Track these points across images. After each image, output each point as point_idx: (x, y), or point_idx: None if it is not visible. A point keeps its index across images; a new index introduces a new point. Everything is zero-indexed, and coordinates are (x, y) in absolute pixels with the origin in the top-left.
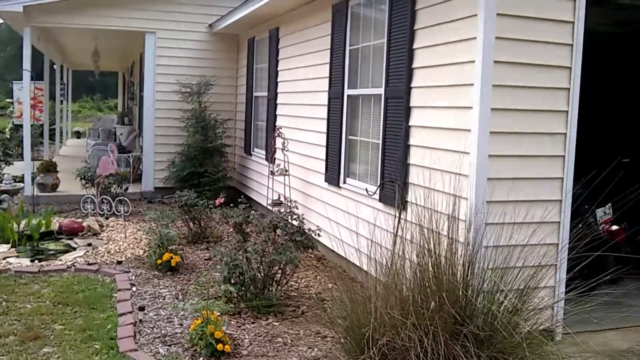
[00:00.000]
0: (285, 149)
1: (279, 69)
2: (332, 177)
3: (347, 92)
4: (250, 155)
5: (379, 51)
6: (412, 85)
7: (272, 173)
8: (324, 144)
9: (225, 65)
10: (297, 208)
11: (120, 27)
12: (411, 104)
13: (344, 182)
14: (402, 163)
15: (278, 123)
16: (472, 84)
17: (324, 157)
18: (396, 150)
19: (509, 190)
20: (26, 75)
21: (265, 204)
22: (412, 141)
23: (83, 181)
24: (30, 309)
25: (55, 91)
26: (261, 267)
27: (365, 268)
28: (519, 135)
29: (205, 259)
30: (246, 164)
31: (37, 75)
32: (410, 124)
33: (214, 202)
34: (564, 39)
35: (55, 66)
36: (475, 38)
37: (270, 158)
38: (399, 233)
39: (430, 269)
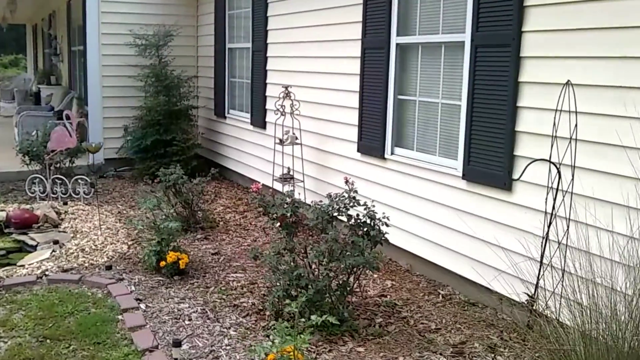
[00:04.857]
0: (296, 112)
1: (268, 14)
2: (372, 146)
3: (397, 40)
4: (225, 118)
5: None
6: (525, 29)
7: (281, 142)
8: (356, 105)
9: (184, 12)
10: (357, 192)
11: None
12: (522, 54)
13: (392, 154)
14: (506, 130)
15: (271, 80)
16: None
17: (356, 122)
18: (495, 113)
19: None
20: None
21: (249, 176)
22: (524, 102)
23: (27, 158)
24: (7, 351)
25: None
26: (333, 274)
27: (438, 263)
28: None
29: (212, 254)
30: (219, 129)
31: None
32: (521, 79)
33: (206, 176)
34: None
35: None
36: None
37: (262, 122)
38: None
39: None
